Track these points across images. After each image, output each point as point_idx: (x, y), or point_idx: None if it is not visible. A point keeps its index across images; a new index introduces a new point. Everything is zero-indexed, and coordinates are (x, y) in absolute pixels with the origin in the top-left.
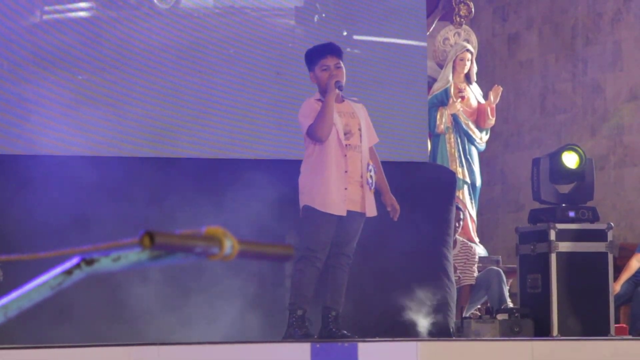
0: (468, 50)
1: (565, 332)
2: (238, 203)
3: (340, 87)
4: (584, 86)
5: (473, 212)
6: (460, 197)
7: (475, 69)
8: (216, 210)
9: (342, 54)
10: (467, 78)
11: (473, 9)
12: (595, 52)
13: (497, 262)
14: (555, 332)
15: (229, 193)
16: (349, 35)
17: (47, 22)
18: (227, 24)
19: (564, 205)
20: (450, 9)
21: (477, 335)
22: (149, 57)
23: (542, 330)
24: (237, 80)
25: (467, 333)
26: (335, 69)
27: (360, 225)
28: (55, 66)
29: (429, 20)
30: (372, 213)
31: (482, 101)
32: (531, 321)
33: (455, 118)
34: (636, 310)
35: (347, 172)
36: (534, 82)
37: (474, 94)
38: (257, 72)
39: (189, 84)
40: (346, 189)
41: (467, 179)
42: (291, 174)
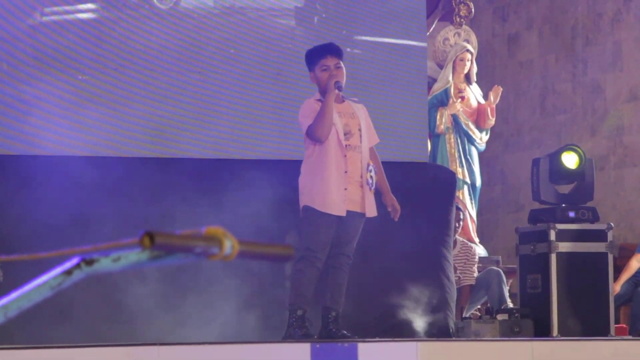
0: (468, 50)
1: (565, 332)
2: (238, 203)
3: (340, 87)
4: (584, 86)
5: (473, 213)
6: (460, 198)
7: (475, 69)
8: (216, 210)
9: (343, 54)
10: (467, 78)
11: (473, 9)
12: (595, 52)
13: (497, 263)
14: (555, 332)
15: (229, 193)
16: (349, 35)
17: (47, 22)
18: (227, 24)
19: (564, 205)
20: (450, 9)
21: (477, 335)
22: (149, 57)
23: (542, 331)
24: (237, 80)
25: (467, 333)
26: (335, 69)
27: (360, 225)
28: (56, 66)
29: (429, 20)
30: (372, 213)
31: (482, 101)
32: (531, 321)
33: (455, 118)
34: (636, 311)
35: (347, 172)
36: (534, 83)
37: (474, 94)
38: (258, 72)
39: (188, 84)
40: (346, 189)
41: (467, 179)
42: (291, 174)
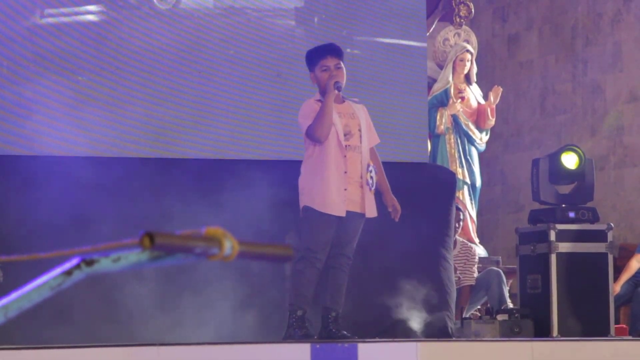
0: (468, 50)
1: (565, 332)
2: (238, 203)
3: (339, 87)
4: (584, 87)
5: (473, 213)
6: (460, 198)
7: (475, 69)
8: (216, 210)
9: (343, 54)
10: (467, 79)
11: (473, 10)
12: (595, 52)
13: (497, 263)
14: (555, 332)
15: (228, 193)
16: (349, 35)
17: (47, 23)
18: (228, 24)
19: (564, 205)
20: (450, 9)
21: (477, 335)
22: (149, 58)
23: (542, 331)
24: (238, 80)
25: (467, 334)
26: (336, 69)
27: (360, 225)
28: (56, 67)
29: (429, 20)
30: (372, 214)
31: (482, 102)
32: (531, 322)
33: (455, 119)
34: (636, 311)
35: (346, 172)
36: (534, 83)
37: (474, 94)
38: (258, 72)
39: (189, 85)
40: (346, 189)
41: (467, 180)
42: (291, 174)
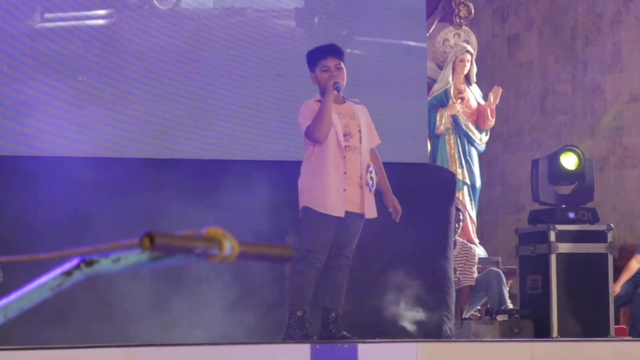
0: (468, 51)
1: (565, 333)
2: (238, 204)
3: (338, 88)
4: (584, 87)
5: (473, 213)
6: (460, 198)
7: (475, 70)
8: (216, 210)
9: (343, 55)
10: (467, 79)
11: (473, 10)
12: (595, 53)
13: (497, 263)
14: (555, 333)
15: (228, 194)
16: (349, 36)
17: (48, 22)
18: (228, 25)
19: (563, 206)
20: (450, 10)
21: (477, 336)
22: (149, 58)
23: (542, 331)
24: (238, 81)
25: (467, 334)
26: (336, 70)
27: (360, 226)
28: (56, 67)
29: (428, 21)
30: (372, 215)
31: (482, 102)
32: (531, 322)
33: (455, 119)
34: (636, 311)
35: (345, 173)
36: (534, 83)
37: (474, 95)
38: (258, 73)
39: (189, 85)
40: (345, 190)
41: (467, 180)
42: (291, 175)
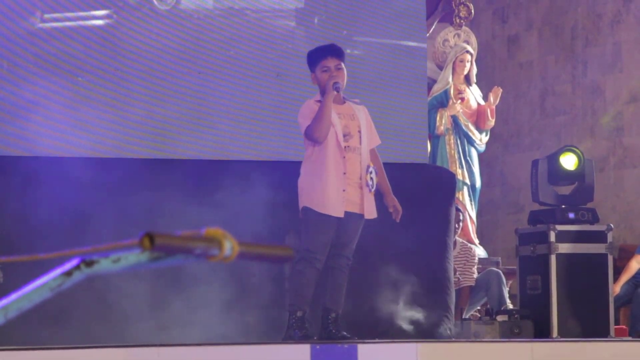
0: (468, 51)
1: (565, 333)
2: (238, 204)
3: (337, 88)
4: (584, 88)
5: (473, 214)
6: (460, 199)
7: (475, 70)
8: (216, 211)
9: (344, 55)
10: (467, 79)
11: (473, 11)
12: (595, 53)
13: (497, 264)
14: (555, 333)
15: (228, 194)
16: (349, 36)
17: (47, 23)
18: (227, 25)
19: (563, 206)
20: (450, 10)
21: (477, 336)
22: (149, 58)
23: (542, 332)
24: (238, 81)
25: (467, 334)
26: (336, 70)
27: (359, 226)
28: (56, 67)
29: (428, 21)
30: (372, 215)
31: (482, 102)
32: (531, 322)
33: (455, 119)
34: (636, 312)
35: (345, 173)
36: (534, 84)
37: (474, 95)
38: (258, 73)
39: (188, 85)
40: (344, 190)
41: (467, 181)
42: (291, 175)
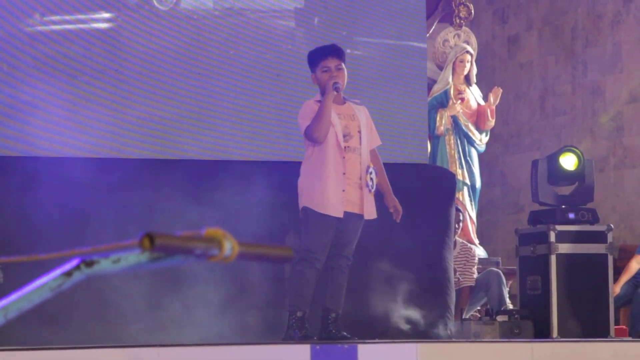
0: (468, 52)
1: (565, 333)
2: (238, 204)
3: (337, 88)
4: (584, 88)
5: (473, 214)
6: (460, 199)
7: (475, 70)
8: (216, 211)
9: (344, 55)
10: (467, 80)
11: (473, 11)
12: (595, 54)
13: (497, 264)
14: (555, 333)
15: (228, 194)
16: (349, 36)
17: (47, 23)
18: (227, 25)
19: (563, 206)
20: (450, 10)
21: (477, 336)
22: (149, 59)
23: (542, 332)
24: (237, 81)
25: (467, 335)
26: (336, 70)
27: (359, 227)
28: (56, 68)
29: (428, 21)
30: (371, 215)
31: (482, 103)
32: (531, 323)
33: (455, 120)
34: (636, 312)
35: (345, 174)
36: (534, 84)
37: (474, 95)
38: (257, 73)
39: (188, 86)
40: (344, 190)
41: (467, 181)
42: (291, 175)
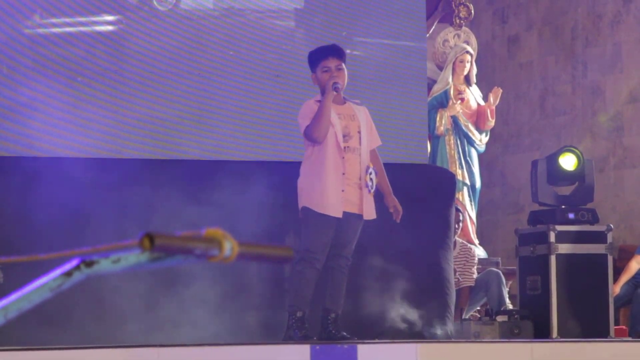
0: (468, 52)
1: (565, 333)
2: (238, 204)
3: (337, 88)
4: (584, 88)
5: (473, 214)
6: (460, 199)
7: (475, 70)
8: (216, 211)
9: (345, 55)
10: (467, 80)
11: (473, 11)
12: (595, 54)
13: (497, 264)
14: (554, 333)
15: (228, 194)
16: (349, 36)
17: (46, 24)
18: (227, 26)
19: (563, 207)
20: (450, 10)
21: (477, 337)
22: (149, 59)
23: (541, 332)
24: (238, 81)
25: (467, 335)
26: (337, 70)
27: (359, 227)
28: (55, 68)
29: (428, 22)
30: (371, 216)
31: (482, 103)
32: (531, 323)
33: (455, 120)
34: (636, 312)
35: (344, 174)
36: (534, 84)
37: (474, 95)
38: (258, 73)
39: (189, 86)
40: (343, 190)
41: (467, 181)
42: (291, 175)
